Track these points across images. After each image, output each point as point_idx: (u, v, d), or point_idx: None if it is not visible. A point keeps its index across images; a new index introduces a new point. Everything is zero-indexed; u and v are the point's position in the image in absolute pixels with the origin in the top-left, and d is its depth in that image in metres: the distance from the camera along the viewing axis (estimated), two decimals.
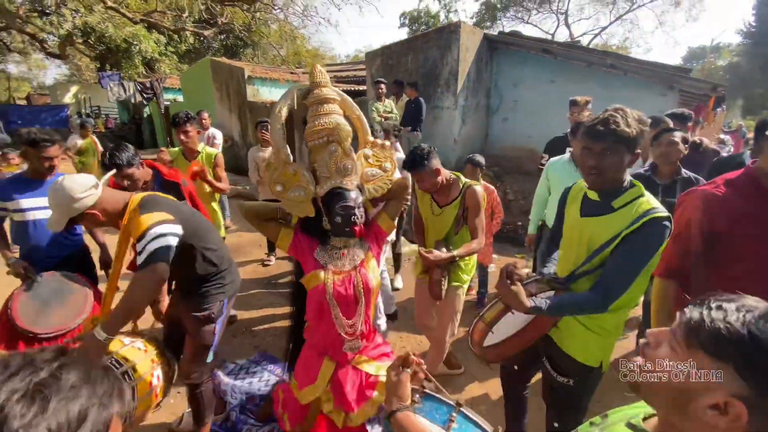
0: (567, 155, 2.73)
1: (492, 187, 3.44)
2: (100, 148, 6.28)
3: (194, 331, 1.77)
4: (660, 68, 6.06)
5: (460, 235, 2.28)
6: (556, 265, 1.61)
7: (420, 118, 5.95)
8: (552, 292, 1.44)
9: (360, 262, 1.53)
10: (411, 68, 6.85)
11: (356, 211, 1.45)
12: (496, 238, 5.38)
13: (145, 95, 10.91)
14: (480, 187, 2.24)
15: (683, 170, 2.30)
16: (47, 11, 11.66)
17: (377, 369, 1.59)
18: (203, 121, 5.85)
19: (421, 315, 2.56)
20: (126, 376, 1.44)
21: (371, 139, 1.62)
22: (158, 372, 1.61)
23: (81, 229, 2.41)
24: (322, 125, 1.44)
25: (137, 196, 1.59)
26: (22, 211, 2.21)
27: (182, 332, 1.83)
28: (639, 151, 1.29)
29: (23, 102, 22.01)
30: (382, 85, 5.74)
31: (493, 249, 3.88)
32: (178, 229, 1.52)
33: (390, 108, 5.85)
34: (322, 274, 1.48)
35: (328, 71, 1.66)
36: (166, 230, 1.47)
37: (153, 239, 1.43)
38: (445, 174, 2.20)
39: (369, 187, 1.58)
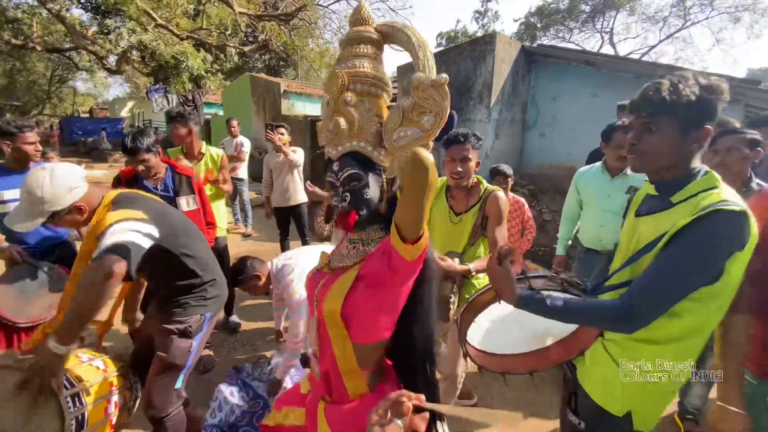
0: (599, 164, 2.37)
1: (522, 200, 3.11)
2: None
3: (164, 346, 1.53)
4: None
5: (476, 248, 1.95)
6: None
7: (450, 131, 5.71)
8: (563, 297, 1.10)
9: (339, 269, 1.02)
10: None
11: (340, 190, 0.98)
12: (530, 260, 4.97)
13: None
14: (503, 193, 1.93)
15: (755, 180, 1.78)
16: (108, 31, 12.58)
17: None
18: (232, 129, 5.93)
19: None
20: (76, 400, 1.23)
21: (418, 76, 0.90)
22: (116, 398, 1.40)
23: None
24: (336, 71, 0.98)
25: (112, 193, 1.45)
26: (3, 202, 2.12)
27: (153, 351, 1.59)
28: (709, 126, 0.97)
29: (86, 115, 23.92)
30: None
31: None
32: (151, 229, 1.34)
33: None
34: (323, 254, 1.18)
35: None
36: (131, 227, 1.29)
37: (113, 234, 1.25)
38: (475, 162, 1.91)
39: (399, 158, 0.96)
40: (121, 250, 1.23)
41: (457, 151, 1.82)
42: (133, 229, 1.29)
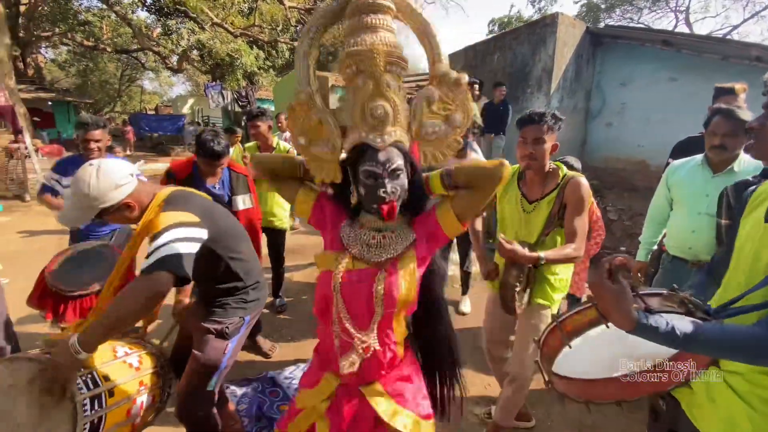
0: (699, 157, 1.96)
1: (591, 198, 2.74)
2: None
3: (200, 345, 1.48)
4: None
5: (551, 239, 1.73)
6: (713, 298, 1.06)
7: (506, 121, 5.35)
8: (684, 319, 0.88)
9: (394, 259, 1.02)
10: (496, 68, 6.23)
11: (387, 182, 0.95)
12: (593, 264, 4.50)
13: (240, 103, 11.82)
14: (585, 180, 1.67)
15: None
16: (170, 32, 13.29)
17: (392, 414, 1.07)
18: (280, 124, 5.95)
19: (491, 340, 2.03)
20: (95, 403, 1.16)
21: (443, 69, 0.96)
22: (144, 398, 1.32)
23: None
24: (357, 45, 0.92)
25: (166, 190, 1.39)
26: None
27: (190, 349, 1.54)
28: None
29: (152, 112, 25.75)
30: (476, 86, 5.23)
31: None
32: (201, 232, 1.29)
33: (474, 111, 5.33)
34: (334, 258, 1.05)
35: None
36: (183, 234, 1.23)
37: (166, 243, 1.18)
38: (556, 146, 1.71)
39: (426, 151, 1.01)
40: (173, 263, 1.15)
41: (531, 131, 1.64)
42: (185, 237, 1.23)
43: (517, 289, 1.62)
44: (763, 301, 0.88)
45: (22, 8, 11.75)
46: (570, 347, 1.01)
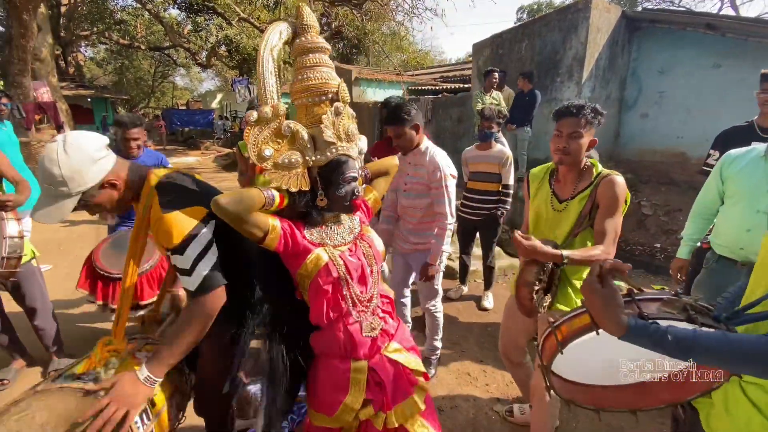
0: (762, 147, 1.78)
1: None
2: None
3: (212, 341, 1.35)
4: None
5: (580, 239, 1.62)
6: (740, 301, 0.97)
7: (531, 112, 5.17)
8: (685, 327, 0.83)
9: (359, 232, 1.32)
10: (525, 56, 6.02)
11: (359, 182, 1.26)
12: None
13: None
14: (622, 178, 1.56)
15: None
16: (199, 28, 13.59)
17: (414, 364, 1.34)
18: None
19: (506, 344, 1.95)
20: (144, 416, 1.09)
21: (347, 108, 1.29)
22: (174, 401, 1.30)
23: None
24: (318, 79, 1.15)
25: (158, 172, 1.21)
26: None
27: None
28: None
29: (183, 107, 26.58)
30: (496, 74, 5.09)
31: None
32: (212, 226, 1.17)
33: (498, 100, 5.18)
34: (323, 252, 1.19)
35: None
36: (204, 242, 1.11)
37: (195, 265, 1.09)
38: (594, 141, 1.62)
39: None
40: (214, 281, 1.11)
41: (567, 124, 1.55)
42: (205, 247, 1.11)
43: (536, 288, 1.52)
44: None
45: (63, 9, 12.31)
46: (562, 353, 0.98)
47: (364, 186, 1.30)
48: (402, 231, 2.42)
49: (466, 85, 8.87)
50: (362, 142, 1.31)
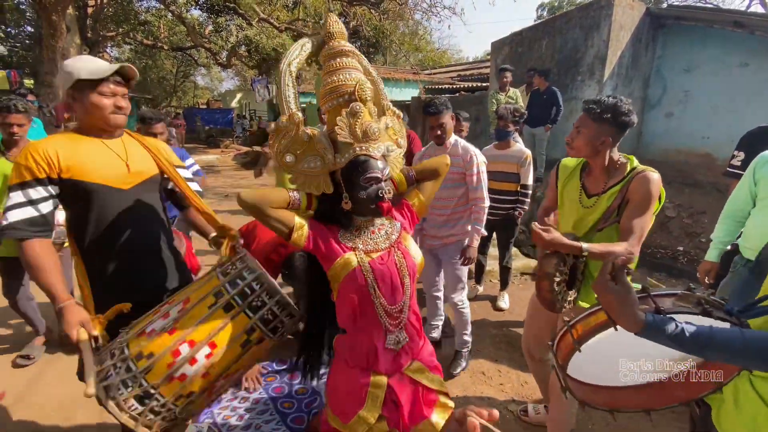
0: None
1: None
2: None
3: None
4: None
5: (605, 235, 1.57)
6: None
7: (551, 110, 5.09)
8: (701, 322, 0.84)
9: (396, 239, 1.27)
10: (545, 55, 5.93)
11: (383, 184, 1.17)
12: (645, 266, 4.20)
13: None
14: (658, 175, 1.49)
15: None
16: (220, 29, 13.84)
17: (437, 384, 1.31)
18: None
19: (528, 340, 1.93)
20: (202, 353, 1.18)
21: (390, 106, 1.31)
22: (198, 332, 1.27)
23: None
24: (341, 81, 1.18)
25: None
26: None
27: None
28: None
29: (204, 106, 27.13)
30: (508, 74, 5.04)
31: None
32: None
33: (515, 98, 5.12)
34: (353, 256, 1.18)
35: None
36: None
37: None
38: (615, 154, 1.58)
39: (389, 164, 1.29)
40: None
41: (579, 118, 1.58)
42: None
43: (557, 280, 1.49)
44: None
45: (90, 10, 12.71)
46: (580, 351, 0.99)
47: (388, 187, 1.18)
48: (430, 227, 2.49)
49: (484, 84, 8.80)
50: (402, 141, 1.31)
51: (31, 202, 1.23)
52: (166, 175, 1.51)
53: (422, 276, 2.62)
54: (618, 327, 0.88)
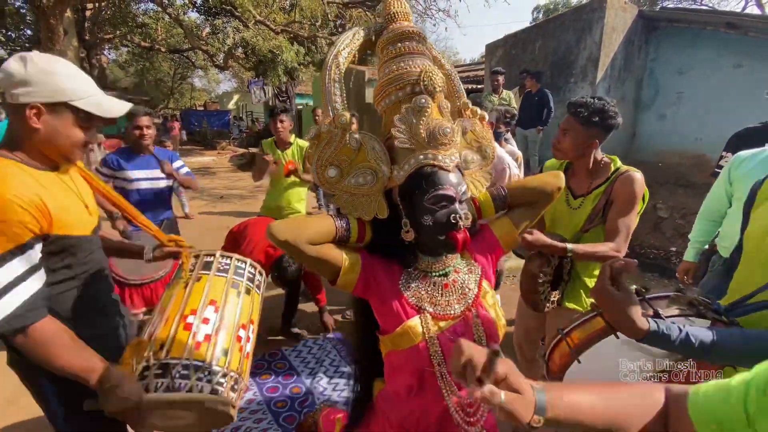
0: None
1: None
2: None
3: None
4: None
5: (591, 236, 1.59)
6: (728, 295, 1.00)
7: (543, 112, 5.12)
8: (693, 322, 0.86)
9: (474, 298, 0.93)
10: (538, 57, 5.96)
11: (458, 206, 0.85)
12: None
13: (280, 99, 12.14)
14: (641, 175, 1.52)
15: None
16: (217, 31, 13.86)
17: None
18: (317, 118, 6.09)
19: (519, 338, 1.95)
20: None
21: (469, 104, 1.01)
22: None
23: (172, 199, 2.66)
24: (403, 69, 0.88)
25: None
26: (129, 180, 2.46)
27: None
28: None
29: (201, 108, 27.14)
30: (500, 77, 5.07)
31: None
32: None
33: (508, 100, 5.15)
34: (418, 324, 0.87)
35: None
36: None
37: None
38: (599, 155, 1.60)
39: (467, 181, 0.95)
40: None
41: (565, 120, 1.59)
42: None
43: (541, 280, 1.50)
44: None
45: (87, 13, 12.72)
46: (579, 362, 0.96)
47: (464, 211, 0.87)
48: None
49: (479, 86, 8.84)
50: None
51: (34, 269, 0.93)
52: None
53: None
54: (618, 334, 0.86)
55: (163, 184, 2.60)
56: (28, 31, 15.56)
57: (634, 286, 0.96)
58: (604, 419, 0.56)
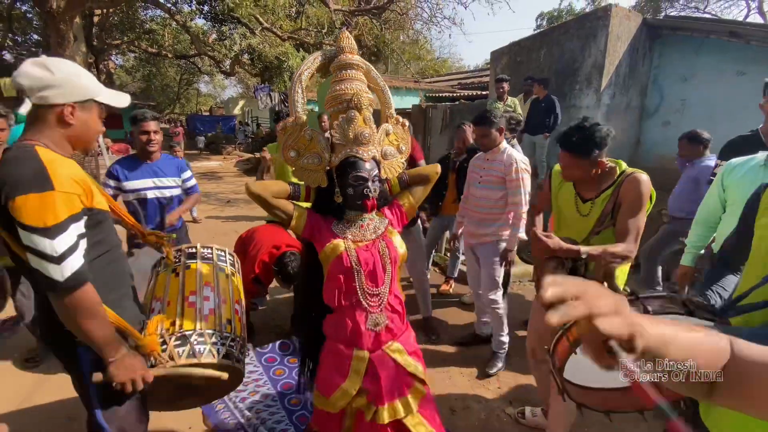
0: (762, 155, 1.79)
1: None
2: None
3: None
4: None
5: (601, 238, 1.64)
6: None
7: (548, 119, 5.16)
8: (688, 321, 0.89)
9: (382, 233, 1.42)
10: (543, 64, 6.02)
11: (369, 183, 1.31)
12: (635, 268, 4.22)
13: (285, 104, 12.27)
14: (647, 176, 1.57)
15: None
16: (224, 37, 14.03)
17: (413, 367, 1.43)
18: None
19: (532, 341, 1.99)
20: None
21: (393, 114, 1.47)
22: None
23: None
24: (342, 90, 1.32)
25: None
26: (134, 191, 2.34)
27: None
28: None
29: (207, 113, 27.35)
30: (505, 84, 5.13)
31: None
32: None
33: (513, 107, 5.20)
34: (341, 242, 1.35)
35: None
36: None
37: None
38: (604, 160, 1.65)
39: (384, 166, 1.44)
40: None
41: (563, 157, 1.64)
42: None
43: None
44: (763, 300, 0.85)
45: (96, 19, 12.91)
46: (576, 353, 1.01)
47: (374, 186, 1.32)
48: (468, 224, 2.67)
49: (483, 92, 8.91)
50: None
51: (81, 236, 1.06)
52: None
53: (468, 274, 2.91)
54: None
55: (170, 193, 2.47)
56: (35, 36, 15.80)
57: (629, 289, 1.01)
58: (685, 351, 0.56)
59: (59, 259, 0.99)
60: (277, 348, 2.35)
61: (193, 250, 1.56)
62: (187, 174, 2.60)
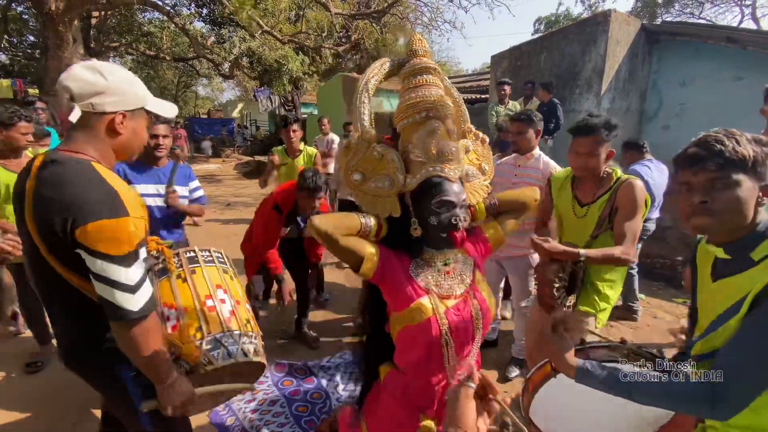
0: None
1: None
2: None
3: None
4: None
5: (600, 242, 1.71)
6: None
7: (552, 122, 5.19)
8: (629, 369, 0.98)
9: (471, 282, 1.12)
10: (543, 68, 6.05)
11: (458, 210, 1.04)
12: (646, 276, 4.24)
13: (286, 107, 12.27)
14: (641, 183, 1.66)
15: None
16: (223, 40, 14.05)
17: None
18: (323, 126, 6.14)
19: (530, 345, 2.05)
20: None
21: (472, 128, 1.23)
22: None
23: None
24: (421, 97, 1.08)
25: None
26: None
27: None
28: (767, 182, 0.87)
29: (205, 116, 27.30)
30: (506, 87, 5.15)
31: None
32: None
33: (514, 110, 5.23)
34: (428, 302, 1.03)
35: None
36: None
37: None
38: (613, 153, 1.74)
39: (466, 190, 1.15)
40: None
41: (582, 143, 1.66)
42: None
43: (557, 285, 1.59)
44: (705, 351, 0.93)
45: (93, 21, 12.89)
46: (535, 398, 1.12)
47: (463, 214, 1.05)
48: None
49: (483, 96, 8.95)
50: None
51: (145, 260, 1.04)
52: None
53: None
54: (557, 375, 1.04)
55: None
56: (31, 38, 15.76)
57: (584, 337, 1.15)
58: None
59: (134, 289, 0.95)
60: (286, 363, 2.37)
61: (193, 254, 1.52)
62: (195, 183, 2.52)
